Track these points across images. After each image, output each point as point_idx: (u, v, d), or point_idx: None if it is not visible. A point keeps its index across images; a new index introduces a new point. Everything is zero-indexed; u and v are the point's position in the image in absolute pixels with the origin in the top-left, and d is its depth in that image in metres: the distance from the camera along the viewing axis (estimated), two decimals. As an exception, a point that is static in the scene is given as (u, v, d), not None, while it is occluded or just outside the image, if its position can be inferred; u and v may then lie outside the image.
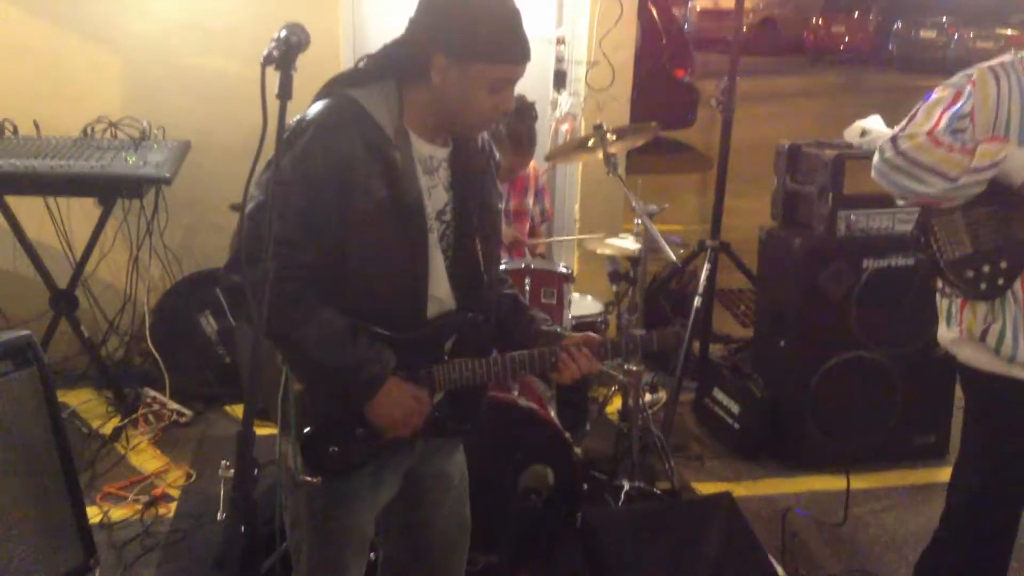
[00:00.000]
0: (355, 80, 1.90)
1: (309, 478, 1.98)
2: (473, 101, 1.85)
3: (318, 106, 1.87)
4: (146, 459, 3.78)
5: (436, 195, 1.94)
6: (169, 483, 3.58)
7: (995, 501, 2.62)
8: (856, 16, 19.15)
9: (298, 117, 1.86)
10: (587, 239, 3.95)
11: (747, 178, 5.99)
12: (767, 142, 4.07)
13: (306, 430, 1.96)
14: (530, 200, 3.92)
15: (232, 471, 1.72)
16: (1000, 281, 2.47)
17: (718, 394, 4.20)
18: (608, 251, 3.69)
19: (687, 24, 19.24)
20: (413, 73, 1.87)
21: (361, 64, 1.93)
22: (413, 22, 1.88)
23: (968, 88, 2.46)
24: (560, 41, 4.35)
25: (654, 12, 9.98)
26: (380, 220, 1.85)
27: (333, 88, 1.90)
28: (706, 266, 4.40)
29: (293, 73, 1.65)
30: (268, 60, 1.61)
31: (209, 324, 4.27)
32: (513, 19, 1.83)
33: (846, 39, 19.10)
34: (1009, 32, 15.45)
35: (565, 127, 4.40)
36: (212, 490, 3.39)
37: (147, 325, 4.25)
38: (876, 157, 2.50)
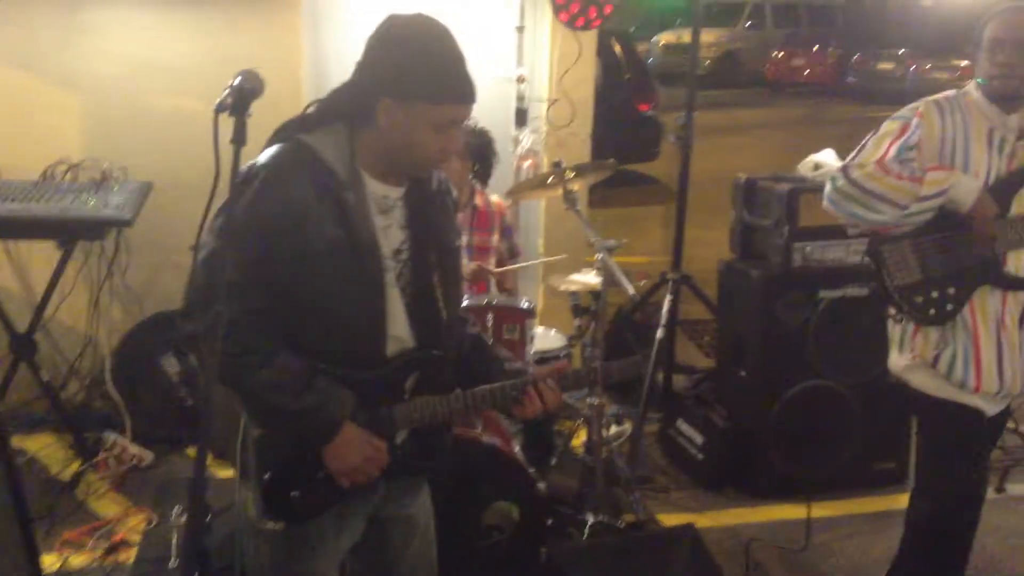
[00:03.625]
0: (305, 125, 1.93)
1: (270, 524, 1.98)
2: (419, 141, 1.88)
3: (269, 152, 1.90)
4: (106, 504, 3.72)
5: (391, 234, 1.96)
6: (129, 528, 3.52)
7: (950, 525, 2.67)
8: (816, 49, 19.55)
9: (249, 163, 1.88)
10: (549, 274, 3.99)
11: (711, 209, 6.06)
12: (731, 174, 4.15)
13: (266, 475, 1.96)
14: (495, 237, 3.95)
15: (185, 518, 1.71)
16: (949, 307, 2.55)
17: (682, 425, 4.23)
18: (571, 286, 3.73)
19: (651, 58, 19.57)
20: (361, 116, 1.90)
21: (310, 109, 1.96)
22: (360, 66, 1.91)
23: (915, 120, 2.56)
24: (521, 79, 4.41)
25: (616, 47, 10.14)
26: (335, 261, 1.87)
27: (283, 134, 1.93)
28: (668, 298, 4.45)
29: (247, 119, 1.68)
30: (222, 107, 1.64)
31: (171, 366, 4.24)
32: (455, 60, 1.87)
33: (806, 71, 19.48)
34: (964, 63, 15.82)
35: (527, 164, 4.46)
36: (173, 535, 3.34)
37: (108, 368, 4.21)
38: (828, 186, 2.58)
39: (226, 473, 3.59)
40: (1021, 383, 2.61)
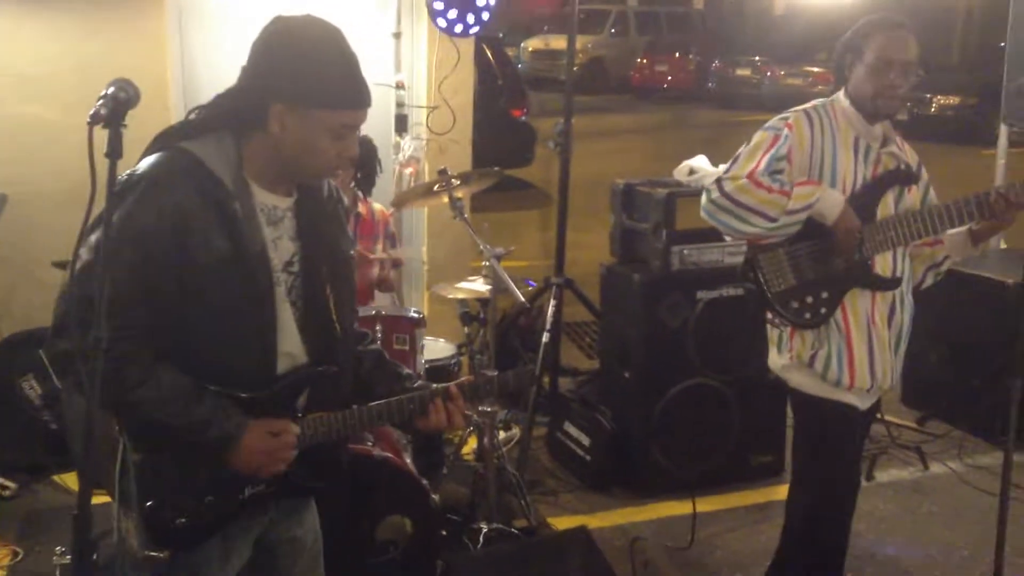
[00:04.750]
0: (188, 132, 1.84)
1: (154, 554, 1.88)
2: (315, 148, 1.83)
3: (149, 160, 1.81)
4: (-35, 540, 3.47)
5: (282, 246, 1.91)
6: (-8, 565, 3.30)
7: (826, 516, 2.81)
8: (677, 56, 20.22)
9: (128, 172, 1.78)
10: (438, 284, 3.97)
11: (585, 213, 6.17)
12: (602, 178, 4.24)
13: (148, 503, 1.86)
14: (379, 246, 3.90)
15: (68, 557, 1.61)
16: (823, 310, 2.67)
17: (569, 427, 4.28)
18: (459, 294, 3.73)
19: (520, 64, 19.78)
20: (250, 123, 1.83)
21: (193, 116, 1.87)
22: (246, 71, 1.84)
23: (785, 131, 2.65)
24: (400, 86, 4.37)
25: (489, 54, 10.20)
26: (222, 275, 1.80)
27: (165, 141, 1.84)
28: (552, 302, 4.50)
29: (123, 130, 1.59)
30: (96, 119, 1.54)
31: (33, 389, 3.98)
32: (350, 64, 1.83)
33: (669, 78, 20.12)
34: (816, 70, 16.70)
35: (409, 171, 4.42)
36: (42, 569, 3.13)
37: (-39, 393, 3.92)
38: (704, 198, 2.66)
39: (101, 499, 3.40)
40: (891, 378, 2.76)
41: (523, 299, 3.16)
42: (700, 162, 4.04)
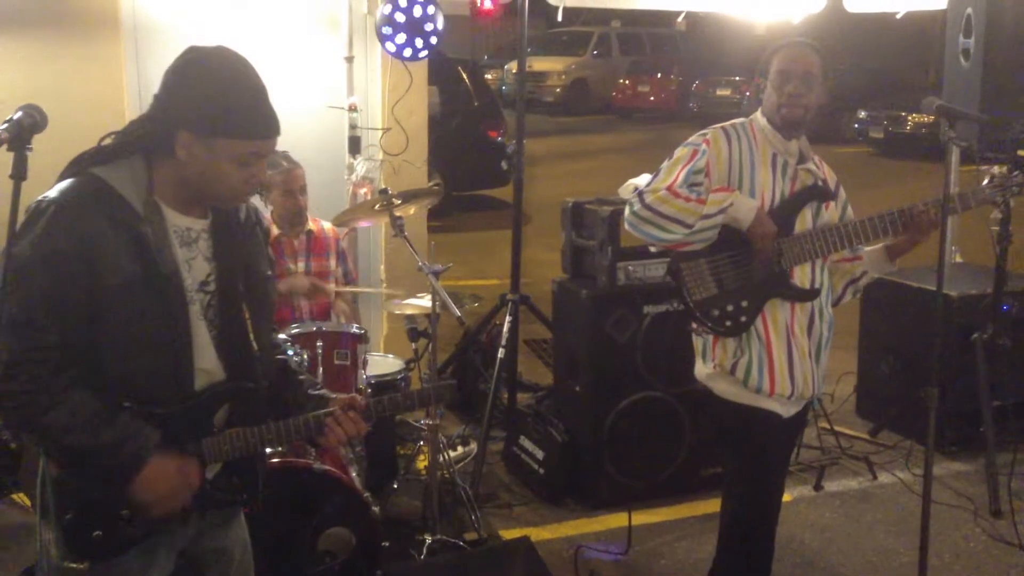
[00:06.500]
0: (100, 158, 1.91)
1: (73, 565, 1.94)
2: (221, 175, 1.90)
3: (60, 186, 1.88)
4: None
5: (196, 266, 1.97)
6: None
7: (753, 522, 2.87)
8: (659, 76, 20.43)
9: (39, 197, 1.85)
10: (388, 299, 4.05)
11: (559, 232, 6.23)
12: (579, 197, 4.32)
13: (67, 516, 1.92)
14: (332, 262, 3.99)
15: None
16: (743, 319, 2.75)
17: (524, 441, 4.34)
18: (408, 310, 3.81)
19: (504, 85, 19.97)
20: (159, 148, 1.90)
21: (107, 141, 1.94)
22: (157, 98, 1.92)
23: (703, 147, 2.76)
24: (353, 108, 4.46)
25: (464, 76, 10.34)
26: (134, 296, 1.86)
27: (77, 167, 1.91)
28: (508, 319, 4.58)
29: (28, 153, 1.68)
30: (-3, 143, 1.63)
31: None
32: (255, 94, 1.90)
33: (651, 98, 20.31)
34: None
35: (363, 191, 4.50)
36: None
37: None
38: (627, 211, 2.75)
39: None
40: (812, 386, 2.83)
41: (459, 314, 3.23)
42: (644, 180, 4.11)
